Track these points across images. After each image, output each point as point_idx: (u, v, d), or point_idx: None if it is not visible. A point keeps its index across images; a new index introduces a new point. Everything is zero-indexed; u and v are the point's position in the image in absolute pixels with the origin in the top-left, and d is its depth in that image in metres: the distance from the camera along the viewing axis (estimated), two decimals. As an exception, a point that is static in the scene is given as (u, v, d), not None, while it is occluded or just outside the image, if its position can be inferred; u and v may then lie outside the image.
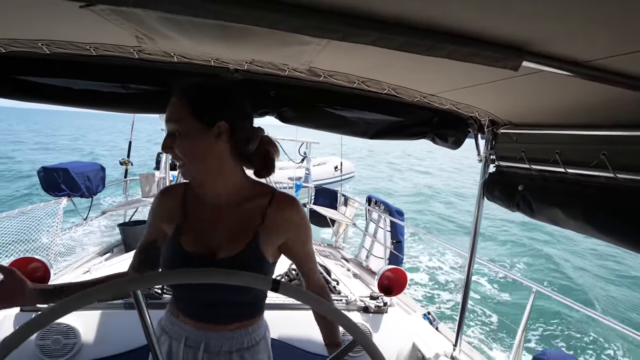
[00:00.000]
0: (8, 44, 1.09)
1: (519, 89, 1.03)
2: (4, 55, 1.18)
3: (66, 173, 3.78)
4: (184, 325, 1.01)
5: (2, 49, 1.12)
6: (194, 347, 0.99)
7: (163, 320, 1.07)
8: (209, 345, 0.99)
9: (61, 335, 1.82)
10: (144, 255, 1.06)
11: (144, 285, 0.68)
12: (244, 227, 0.98)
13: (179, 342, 1.00)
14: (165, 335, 1.04)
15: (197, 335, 0.99)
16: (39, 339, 1.79)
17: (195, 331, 0.99)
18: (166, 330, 1.04)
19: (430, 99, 1.36)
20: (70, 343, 1.83)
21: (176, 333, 1.01)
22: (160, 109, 1.50)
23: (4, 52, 1.14)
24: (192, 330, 1.00)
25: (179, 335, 1.01)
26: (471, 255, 1.87)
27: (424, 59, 0.88)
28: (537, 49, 0.66)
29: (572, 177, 1.19)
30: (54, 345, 1.81)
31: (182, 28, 0.81)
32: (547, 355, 1.35)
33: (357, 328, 0.71)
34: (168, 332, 1.03)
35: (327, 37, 0.61)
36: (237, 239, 0.97)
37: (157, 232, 1.05)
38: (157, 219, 1.05)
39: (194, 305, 1.00)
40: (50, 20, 0.89)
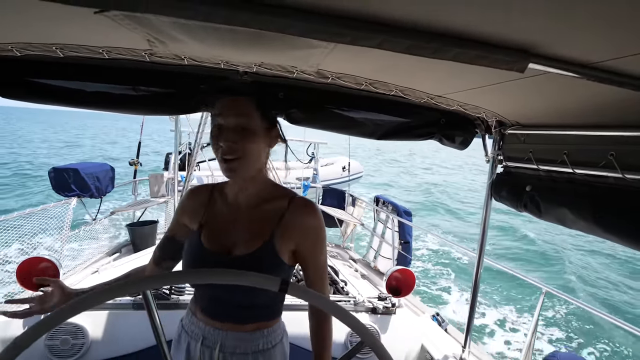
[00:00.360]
0: (23, 48, 1.12)
1: (525, 90, 1.03)
2: (19, 58, 1.21)
3: (76, 173, 3.84)
4: (201, 325, 1.03)
5: (17, 52, 1.15)
6: (210, 347, 1.01)
7: (184, 319, 1.11)
8: (224, 345, 1.00)
9: (70, 335, 1.84)
10: (164, 249, 1.13)
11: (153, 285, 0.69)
12: (261, 227, 1.00)
13: (196, 342, 1.02)
14: (185, 334, 1.07)
15: (214, 335, 1.01)
16: (48, 339, 1.81)
17: (212, 331, 1.01)
18: (186, 329, 1.07)
19: (437, 100, 1.36)
20: (78, 343, 1.84)
21: (194, 332, 1.04)
22: (170, 111, 1.53)
23: (18, 55, 1.17)
24: (209, 329, 1.02)
25: (196, 335, 1.03)
26: (479, 255, 1.86)
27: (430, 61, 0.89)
28: (543, 50, 0.67)
29: (580, 177, 1.19)
30: (63, 345, 1.82)
31: (193, 32, 0.83)
32: (557, 357, 1.35)
33: (366, 330, 0.71)
34: (187, 331, 1.07)
35: (335, 40, 0.62)
36: (254, 237, 0.99)
37: (178, 227, 1.11)
38: (181, 215, 1.11)
39: (212, 304, 1.02)
40: (65, 25, 0.91)
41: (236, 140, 0.91)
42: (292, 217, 1.00)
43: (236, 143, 0.91)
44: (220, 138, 0.92)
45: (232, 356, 1.00)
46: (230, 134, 0.92)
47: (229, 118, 0.93)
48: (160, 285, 0.70)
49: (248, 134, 0.93)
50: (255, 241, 0.98)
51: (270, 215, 1.01)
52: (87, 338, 1.85)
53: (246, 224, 1.02)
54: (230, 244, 1.01)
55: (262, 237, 0.99)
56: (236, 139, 0.91)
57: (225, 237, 1.01)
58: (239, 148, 0.91)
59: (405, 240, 4.22)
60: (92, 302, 0.65)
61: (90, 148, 33.70)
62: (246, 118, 0.93)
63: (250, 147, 0.93)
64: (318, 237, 1.03)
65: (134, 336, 1.88)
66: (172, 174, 5.49)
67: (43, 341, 1.80)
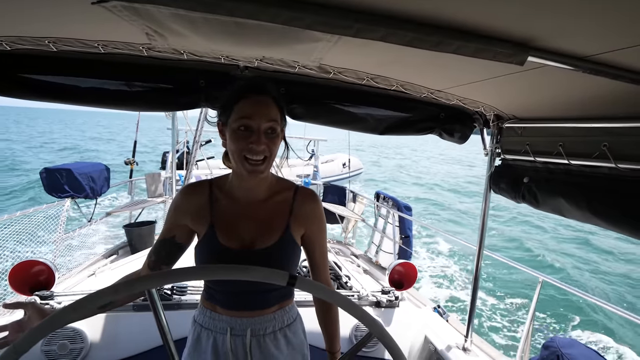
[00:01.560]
0: (14, 42, 1.07)
1: (523, 84, 1.06)
2: (9, 53, 1.15)
3: (69, 174, 3.73)
4: (226, 318, 1.07)
5: (7, 46, 1.09)
6: (240, 335, 1.06)
7: (199, 318, 1.12)
8: (254, 330, 1.06)
9: (67, 340, 1.78)
10: (160, 252, 1.06)
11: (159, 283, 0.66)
12: (276, 219, 1.06)
13: (223, 335, 1.07)
14: (207, 331, 1.09)
15: (242, 324, 1.06)
16: (45, 344, 1.74)
17: (238, 320, 1.06)
18: (206, 327, 1.09)
19: (437, 95, 1.39)
20: (77, 348, 1.78)
21: (218, 327, 1.07)
22: (169, 107, 1.50)
23: (9, 49, 1.11)
24: (235, 320, 1.06)
25: (221, 329, 1.07)
26: (479, 247, 1.90)
27: (431, 55, 0.92)
28: (542, 44, 0.69)
29: (576, 168, 1.22)
30: (60, 350, 1.76)
31: (194, 25, 0.83)
32: (556, 342, 1.39)
33: (374, 321, 0.72)
34: (209, 327, 1.09)
35: (339, 33, 0.64)
36: (272, 230, 1.05)
37: (177, 227, 1.06)
38: (181, 215, 1.06)
39: (234, 298, 1.06)
40: (59, 18, 0.88)
41: (267, 143, 0.94)
42: (301, 206, 1.09)
43: (266, 146, 0.94)
44: (251, 139, 0.93)
45: (264, 337, 1.08)
46: (262, 136, 0.93)
47: (261, 121, 0.93)
48: (166, 283, 0.68)
49: (276, 137, 0.97)
50: (274, 233, 1.05)
51: (281, 207, 1.08)
52: (85, 342, 1.80)
53: (261, 218, 1.05)
54: (249, 239, 1.04)
55: (279, 228, 1.06)
56: (267, 142, 0.94)
57: (243, 232, 1.04)
58: (267, 149, 0.95)
59: (405, 235, 4.26)
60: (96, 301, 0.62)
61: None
62: (275, 122, 0.95)
63: (276, 149, 0.98)
64: (322, 222, 1.13)
65: (135, 338, 1.84)
66: (170, 173, 5.43)
67: (39, 347, 1.74)
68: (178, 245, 1.07)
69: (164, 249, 1.07)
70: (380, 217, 4.78)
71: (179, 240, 1.07)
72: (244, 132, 0.93)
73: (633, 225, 1.02)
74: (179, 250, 1.07)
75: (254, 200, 1.07)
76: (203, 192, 1.07)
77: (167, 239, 1.06)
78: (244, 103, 0.94)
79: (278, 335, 1.10)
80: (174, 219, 1.07)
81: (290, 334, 1.13)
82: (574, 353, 1.37)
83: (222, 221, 1.04)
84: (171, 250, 1.07)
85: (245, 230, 1.04)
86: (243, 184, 1.05)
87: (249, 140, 0.93)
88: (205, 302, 1.12)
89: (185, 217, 1.06)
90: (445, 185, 22.30)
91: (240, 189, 1.06)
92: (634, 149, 1.02)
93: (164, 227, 1.09)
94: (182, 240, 1.07)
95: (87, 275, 2.84)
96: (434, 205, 16.41)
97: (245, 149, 0.93)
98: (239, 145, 0.94)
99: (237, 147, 0.94)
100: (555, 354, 1.40)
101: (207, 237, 1.04)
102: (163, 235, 1.07)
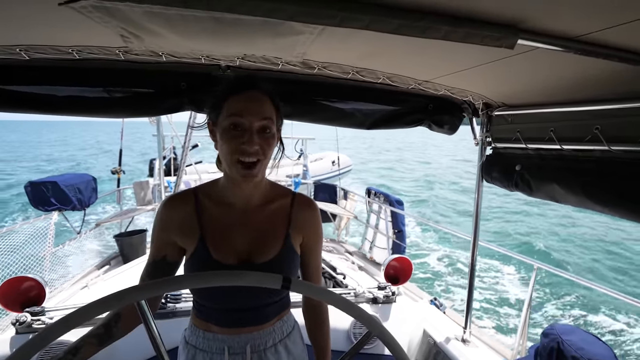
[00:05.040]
0: None
1: (512, 69, 1.05)
2: None
3: (55, 186, 3.69)
4: (222, 337, 0.99)
5: None
6: (240, 353, 0.99)
7: (191, 338, 1.03)
8: (254, 345, 1.00)
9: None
10: (156, 275, 0.97)
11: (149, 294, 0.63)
12: (274, 229, 0.99)
13: (220, 355, 0.99)
14: (202, 353, 1.00)
15: (240, 341, 0.99)
16: (38, 358, 1.71)
17: (236, 338, 0.99)
18: (201, 348, 1.00)
19: (424, 86, 1.37)
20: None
21: (214, 347, 0.99)
22: (150, 112, 1.45)
23: None
24: (233, 338, 0.99)
25: (218, 349, 0.99)
26: (474, 238, 1.89)
27: (417, 44, 0.89)
28: (531, 25, 0.67)
29: (568, 153, 1.21)
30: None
31: (170, 23, 0.78)
32: (555, 330, 1.38)
33: (372, 319, 0.70)
34: (204, 349, 1.00)
35: (323, 23, 0.61)
36: (271, 242, 0.98)
37: (167, 245, 0.97)
38: (167, 232, 0.96)
39: (230, 315, 0.98)
40: (27, 23, 0.83)
41: (261, 143, 0.86)
42: (299, 215, 1.02)
43: (259, 146, 0.86)
44: (242, 139, 0.84)
45: (265, 352, 1.01)
46: (255, 136, 0.85)
47: (253, 119, 0.85)
48: (157, 294, 0.65)
49: (270, 137, 0.88)
50: (274, 244, 0.98)
51: (279, 215, 1.00)
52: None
53: (258, 227, 0.97)
54: (245, 251, 0.95)
55: (279, 239, 0.98)
56: (261, 143, 0.86)
57: (239, 244, 0.95)
58: (260, 151, 0.86)
59: (398, 229, 4.27)
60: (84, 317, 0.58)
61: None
62: (269, 120, 0.87)
63: (270, 150, 0.89)
64: (321, 230, 1.08)
65: (133, 348, 1.80)
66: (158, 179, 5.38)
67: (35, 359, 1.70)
68: (171, 265, 0.98)
69: (158, 272, 0.98)
70: (373, 212, 4.78)
71: (171, 260, 0.98)
72: (235, 132, 0.85)
73: (629, 208, 1.01)
74: (172, 270, 0.99)
75: (249, 208, 0.98)
76: (188, 202, 0.97)
77: (158, 261, 0.98)
78: (234, 99, 0.86)
79: (279, 347, 1.04)
80: (161, 237, 0.97)
81: (291, 344, 1.08)
82: (574, 339, 1.36)
83: (213, 233, 0.95)
84: (165, 272, 0.98)
85: (241, 241, 0.95)
86: (236, 190, 0.96)
87: (241, 141, 0.84)
88: (196, 321, 1.03)
89: (171, 233, 0.96)
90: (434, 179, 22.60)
91: (234, 195, 0.97)
92: (626, 130, 1.01)
93: (152, 246, 1.00)
94: (174, 258, 0.98)
95: (80, 288, 2.81)
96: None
97: (237, 151, 0.84)
98: (229, 146, 0.85)
99: (227, 148, 0.85)
100: (555, 341, 1.39)
101: (197, 252, 0.93)
102: (153, 257, 0.98)
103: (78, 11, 0.70)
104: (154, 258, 0.98)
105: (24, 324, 1.79)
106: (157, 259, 0.97)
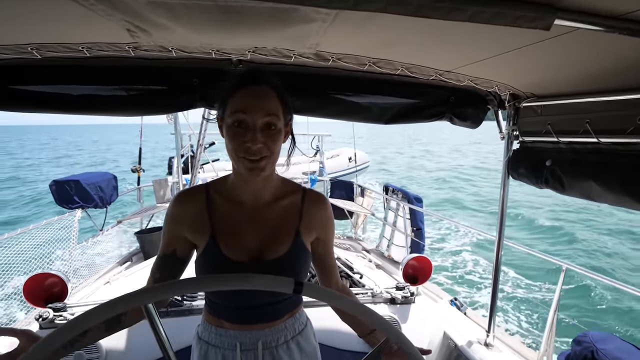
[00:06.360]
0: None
1: (544, 56, 0.96)
2: None
3: (78, 185, 3.81)
4: (234, 333, 1.00)
5: None
6: (251, 349, 0.99)
7: (203, 334, 1.04)
8: (266, 342, 1.00)
9: (83, 350, 1.78)
10: (164, 270, 0.99)
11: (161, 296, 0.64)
12: (285, 226, 0.99)
13: (232, 351, 0.99)
14: (215, 349, 1.01)
15: (252, 337, 0.99)
16: None
17: (248, 334, 0.99)
18: (214, 344, 1.01)
19: (446, 76, 1.29)
20: (93, 358, 1.81)
21: (226, 343, 1.00)
22: (163, 109, 1.44)
23: None
24: (245, 334, 0.99)
25: (230, 345, 1.00)
26: (499, 237, 1.79)
27: (438, 29, 0.82)
28: (570, 3, 0.59)
29: (606, 146, 1.11)
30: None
31: (174, 14, 0.76)
32: (589, 337, 1.29)
33: (389, 325, 0.68)
34: (216, 344, 1.01)
35: (336, 7, 0.55)
36: (281, 237, 0.97)
37: (177, 240, 0.98)
38: (178, 227, 0.98)
39: (241, 312, 0.99)
40: (35, 20, 0.83)
41: (265, 140, 0.85)
42: (311, 211, 1.01)
43: (264, 144, 0.85)
44: (246, 137, 0.84)
45: (277, 349, 1.02)
46: (259, 133, 0.84)
47: (257, 116, 0.84)
48: (167, 296, 0.65)
49: (276, 133, 0.87)
50: (285, 241, 0.97)
51: (289, 211, 1.00)
52: (101, 352, 1.82)
53: (268, 223, 0.97)
54: (256, 248, 0.95)
55: (289, 235, 0.98)
56: (265, 139, 0.85)
57: (249, 241, 0.96)
58: (265, 148, 0.85)
59: (417, 227, 4.17)
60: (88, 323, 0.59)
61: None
62: (274, 116, 0.86)
63: (276, 146, 0.88)
64: (333, 225, 1.08)
65: (150, 346, 1.82)
66: (177, 177, 5.46)
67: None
68: (181, 260, 0.99)
69: (167, 266, 0.99)
70: (390, 210, 4.69)
71: (181, 255, 0.99)
72: (238, 129, 0.84)
73: None
74: (182, 265, 1.00)
75: (259, 204, 0.98)
76: (199, 198, 0.97)
77: (168, 255, 0.99)
78: (237, 95, 0.85)
79: (291, 344, 1.04)
80: (171, 232, 0.98)
81: (303, 341, 1.08)
82: (610, 348, 1.27)
83: (224, 230, 0.95)
84: (174, 266, 0.99)
85: (252, 238, 0.95)
86: (245, 186, 0.96)
87: (244, 139, 0.83)
88: (209, 317, 1.04)
89: (182, 228, 0.97)
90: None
91: (243, 192, 0.97)
92: None
93: (162, 240, 1.00)
94: (184, 254, 0.99)
95: (103, 284, 2.90)
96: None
97: (241, 149, 0.84)
98: (233, 144, 0.85)
99: (232, 146, 0.86)
100: (589, 350, 1.30)
101: (208, 249, 0.94)
102: (163, 251, 0.99)
103: (80, 4, 0.68)
104: (164, 252, 0.99)
105: (46, 319, 1.84)
106: (167, 252, 0.99)
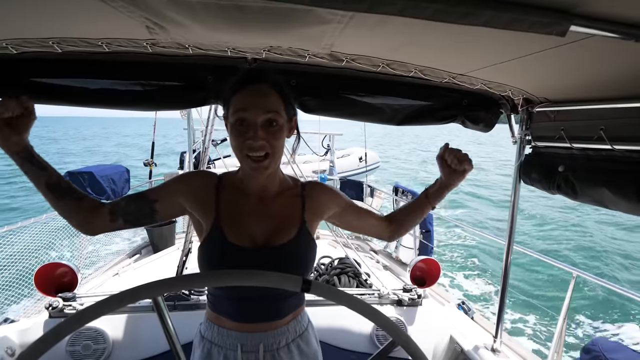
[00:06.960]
0: (19, 44, 1.05)
1: (558, 62, 0.95)
2: (16, 57, 1.13)
3: (91, 177, 3.84)
4: (235, 334, 1.00)
5: (13, 49, 1.07)
6: (253, 351, 0.99)
7: (206, 333, 1.04)
8: (267, 344, 0.99)
9: (91, 340, 1.85)
10: (131, 205, 0.96)
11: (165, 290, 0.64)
12: (290, 215, 1.02)
13: (234, 351, 1.00)
14: (218, 347, 1.01)
15: (253, 339, 0.99)
16: (69, 345, 1.81)
17: (249, 336, 1.00)
18: (216, 343, 1.02)
19: (459, 80, 1.28)
20: (100, 348, 1.85)
21: (228, 343, 1.00)
22: (178, 105, 1.46)
23: (15, 53, 1.10)
24: (246, 336, 0.99)
25: (231, 345, 1.00)
26: (509, 241, 1.78)
27: (454, 33, 0.82)
28: (586, 9, 0.59)
29: (621, 154, 1.10)
30: (84, 351, 1.83)
31: (192, 11, 0.78)
32: (598, 346, 1.27)
33: (397, 328, 0.68)
34: (219, 343, 1.01)
35: (351, 9, 0.56)
36: (287, 226, 1.00)
37: (167, 197, 0.97)
38: (180, 187, 0.99)
39: (245, 305, 0.99)
40: (58, 15, 0.86)
41: (266, 137, 0.87)
42: (312, 198, 1.06)
43: (266, 140, 0.87)
44: (247, 135, 0.86)
45: (278, 351, 1.01)
46: (259, 131, 0.86)
47: (257, 113, 0.86)
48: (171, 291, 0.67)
49: (277, 130, 0.89)
50: (290, 229, 1.00)
51: (292, 203, 1.04)
52: (108, 342, 1.86)
53: (274, 214, 1.00)
54: (260, 235, 0.98)
55: (295, 223, 1.01)
56: (267, 136, 0.87)
57: (254, 230, 0.98)
58: (267, 145, 0.88)
59: (426, 229, 4.14)
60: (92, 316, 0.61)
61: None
62: (275, 113, 0.88)
63: (279, 143, 0.90)
64: (340, 194, 1.14)
65: (155, 338, 1.87)
66: None
67: (64, 347, 1.81)
68: (152, 212, 0.96)
69: (136, 205, 0.96)
70: (400, 211, 4.67)
71: (157, 209, 0.97)
72: (241, 127, 0.87)
73: None
74: (149, 217, 0.97)
75: (266, 196, 1.02)
76: (211, 179, 1.02)
77: (148, 200, 0.96)
78: (239, 94, 0.88)
79: (292, 347, 1.04)
80: (170, 188, 0.99)
81: (303, 344, 1.07)
82: (619, 358, 1.25)
83: (228, 217, 0.97)
84: (142, 211, 0.96)
85: (257, 226, 0.98)
86: (250, 181, 1.00)
87: (246, 137, 0.86)
88: (211, 315, 1.05)
89: (183, 194, 0.98)
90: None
91: (249, 187, 1.01)
92: None
93: (154, 187, 1.01)
94: (160, 211, 0.97)
95: (112, 275, 2.96)
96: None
97: (244, 146, 0.87)
98: (237, 142, 0.89)
99: (235, 144, 0.89)
100: (598, 359, 1.28)
101: (212, 234, 0.95)
102: (146, 193, 0.98)
103: (102, 0, 0.70)
104: (146, 194, 0.97)
105: (56, 308, 1.89)
106: (149, 197, 0.96)
